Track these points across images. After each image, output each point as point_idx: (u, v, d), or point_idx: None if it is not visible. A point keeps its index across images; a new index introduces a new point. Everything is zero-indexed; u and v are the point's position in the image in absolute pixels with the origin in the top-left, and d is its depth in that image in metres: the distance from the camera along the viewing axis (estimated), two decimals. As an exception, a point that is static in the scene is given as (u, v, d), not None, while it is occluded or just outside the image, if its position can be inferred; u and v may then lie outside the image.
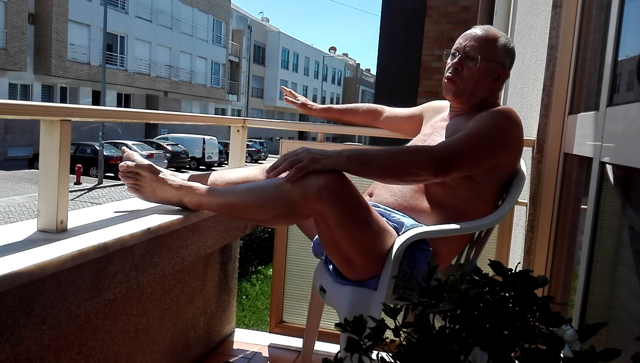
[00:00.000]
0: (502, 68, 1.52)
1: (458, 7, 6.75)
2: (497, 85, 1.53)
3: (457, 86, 1.52)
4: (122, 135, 23.84)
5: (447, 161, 1.31)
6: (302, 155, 1.28)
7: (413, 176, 1.32)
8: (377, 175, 1.38)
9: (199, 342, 1.93)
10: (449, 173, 1.33)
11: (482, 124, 1.39)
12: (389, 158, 1.30)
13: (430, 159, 1.29)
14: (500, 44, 1.51)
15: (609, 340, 1.19)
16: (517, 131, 1.43)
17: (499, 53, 1.50)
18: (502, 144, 1.41)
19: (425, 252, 1.37)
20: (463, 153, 1.34)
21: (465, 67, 1.50)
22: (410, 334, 0.76)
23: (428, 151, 1.33)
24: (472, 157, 1.36)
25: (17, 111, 1.10)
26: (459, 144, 1.34)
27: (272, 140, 36.06)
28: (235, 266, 2.22)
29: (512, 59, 1.54)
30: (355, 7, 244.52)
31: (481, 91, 1.52)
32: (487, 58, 1.49)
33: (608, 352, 0.68)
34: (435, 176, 1.31)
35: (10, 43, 19.77)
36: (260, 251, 6.98)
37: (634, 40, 1.26)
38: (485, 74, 1.50)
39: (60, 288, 1.02)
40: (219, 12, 32.63)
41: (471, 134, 1.37)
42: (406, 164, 1.30)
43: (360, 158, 1.29)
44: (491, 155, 1.39)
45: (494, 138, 1.39)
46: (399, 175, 1.33)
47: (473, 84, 1.50)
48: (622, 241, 1.27)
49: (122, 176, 1.51)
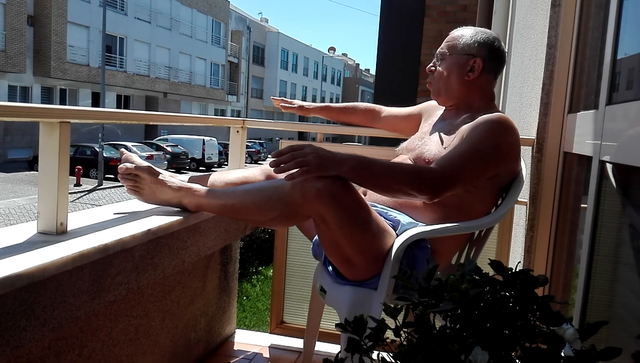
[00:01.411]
0: (472, 58, 1.52)
1: (457, 7, 6.75)
2: (471, 76, 1.53)
3: (433, 87, 1.61)
4: (122, 136, 23.85)
5: (445, 186, 1.32)
6: (309, 157, 1.25)
7: (408, 196, 1.34)
8: (373, 189, 1.42)
9: (199, 343, 1.93)
10: (445, 195, 1.34)
11: (476, 139, 1.38)
12: (390, 176, 1.31)
13: (429, 185, 1.30)
14: (466, 37, 1.55)
15: (610, 338, 1.19)
16: (512, 139, 1.42)
17: (462, 46, 1.54)
18: (497, 158, 1.40)
19: (425, 250, 1.37)
20: (461, 176, 1.34)
21: (437, 68, 1.59)
22: (411, 334, 0.76)
23: (429, 178, 1.32)
24: (470, 176, 1.37)
25: (17, 113, 1.10)
26: (456, 166, 1.33)
27: (271, 141, 36.06)
28: (235, 267, 2.22)
29: (487, 48, 1.53)
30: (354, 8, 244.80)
31: (454, 84, 1.55)
32: (450, 53, 1.56)
33: (609, 350, 0.68)
34: (430, 200, 1.33)
35: (10, 45, 19.77)
36: (261, 252, 6.98)
37: (633, 39, 1.26)
38: (453, 68, 1.55)
39: (60, 290, 1.02)
40: (218, 13, 32.63)
41: (468, 152, 1.36)
42: (405, 186, 1.31)
43: (363, 171, 1.30)
44: (488, 170, 1.40)
45: (489, 153, 1.38)
46: (395, 194, 1.38)
47: (444, 81, 1.57)
48: (622, 240, 1.27)
49: (121, 178, 1.51)
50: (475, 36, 1.54)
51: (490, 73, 1.55)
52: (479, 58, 1.52)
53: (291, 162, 1.26)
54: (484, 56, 1.52)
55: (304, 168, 1.24)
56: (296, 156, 1.26)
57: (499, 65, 1.56)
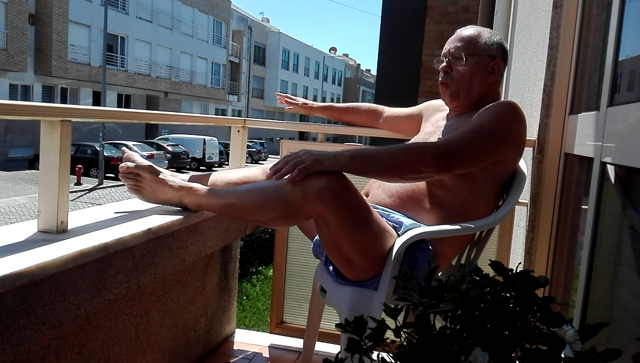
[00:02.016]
0: (492, 60, 1.51)
1: (458, 7, 6.75)
2: (492, 78, 1.52)
3: (450, 88, 1.53)
4: (123, 136, 23.86)
5: (450, 157, 1.29)
6: (304, 157, 1.27)
7: (416, 173, 1.30)
8: (379, 174, 1.37)
9: (199, 342, 1.93)
10: (451, 169, 1.31)
11: (485, 118, 1.37)
12: (391, 156, 1.29)
13: (433, 156, 1.27)
14: (484, 37, 1.51)
15: (610, 340, 1.18)
16: (521, 125, 1.41)
17: (484, 46, 1.50)
18: (505, 138, 1.38)
19: (426, 251, 1.37)
20: (466, 148, 1.31)
21: (454, 69, 1.51)
22: (411, 334, 0.76)
23: (430, 148, 1.31)
24: (475, 152, 1.33)
25: (18, 111, 1.10)
26: (461, 140, 1.32)
27: (272, 140, 36.08)
28: (235, 267, 2.22)
29: (502, 50, 1.53)
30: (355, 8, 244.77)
31: (477, 86, 1.51)
32: (473, 54, 1.50)
33: (609, 352, 0.68)
34: (438, 172, 1.30)
35: (11, 44, 19.78)
36: (261, 251, 6.98)
37: (635, 40, 1.26)
38: (476, 70, 1.50)
39: (60, 289, 1.02)
40: (219, 13, 32.64)
41: (474, 129, 1.35)
42: (408, 162, 1.28)
43: (362, 158, 1.29)
44: (494, 149, 1.37)
45: (497, 132, 1.36)
46: (401, 173, 1.31)
47: (466, 82, 1.50)
48: (623, 241, 1.27)
49: (122, 177, 1.51)
50: (492, 37, 1.51)
51: (502, 75, 1.55)
52: (499, 60, 1.51)
53: (288, 165, 1.27)
54: (500, 57, 1.52)
55: (301, 166, 1.25)
56: (292, 159, 1.28)
57: (506, 66, 1.57)
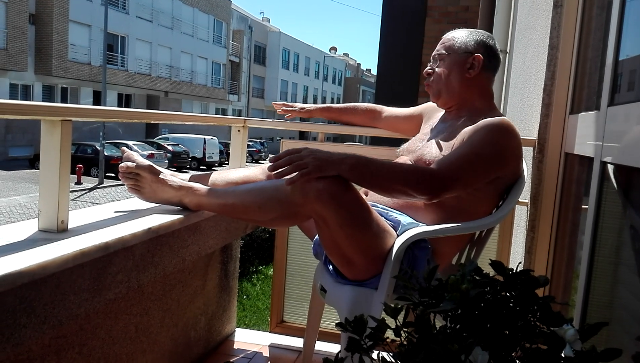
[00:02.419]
0: (470, 55, 1.52)
1: (459, 7, 6.75)
2: (472, 73, 1.52)
3: (432, 88, 1.59)
4: (123, 135, 23.85)
5: (444, 188, 1.31)
6: (307, 160, 1.25)
7: (407, 196, 1.34)
8: (372, 189, 1.42)
9: (199, 341, 1.93)
10: (443, 197, 1.33)
11: (478, 144, 1.37)
12: (389, 176, 1.31)
13: (428, 186, 1.29)
14: (461, 36, 1.55)
15: (610, 339, 1.19)
16: (514, 143, 1.41)
17: (460, 45, 1.53)
18: (498, 163, 1.40)
19: (425, 250, 1.37)
20: (461, 178, 1.33)
21: (435, 70, 1.58)
22: (411, 334, 0.76)
23: (427, 178, 1.31)
24: (470, 179, 1.36)
25: (18, 111, 1.10)
26: (456, 168, 1.33)
27: (272, 140, 36.08)
28: (235, 266, 2.22)
29: (482, 45, 1.53)
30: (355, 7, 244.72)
31: (455, 83, 1.53)
32: (449, 52, 1.54)
33: (609, 351, 0.68)
34: (429, 200, 1.33)
35: (11, 43, 19.78)
36: (261, 251, 6.98)
37: (635, 40, 1.26)
38: (452, 67, 1.53)
39: (61, 288, 1.02)
40: (219, 13, 32.63)
41: (469, 156, 1.35)
42: (404, 186, 1.30)
43: (361, 170, 1.29)
44: (488, 174, 1.39)
45: (490, 159, 1.38)
46: (393, 194, 1.37)
47: (444, 81, 1.55)
48: (623, 241, 1.27)
49: (122, 177, 1.51)
50: (470, 35, 1.55)
51: (489, 70, 1.55)
52: (478, 55, 1.52)
53: (290, 166, 1.26)
54: (483, 53, 1.53)
55: (302, 170, 1.24)
56: (294, 160, 1.26)
57: (495, 62, 1.56)
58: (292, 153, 1.28)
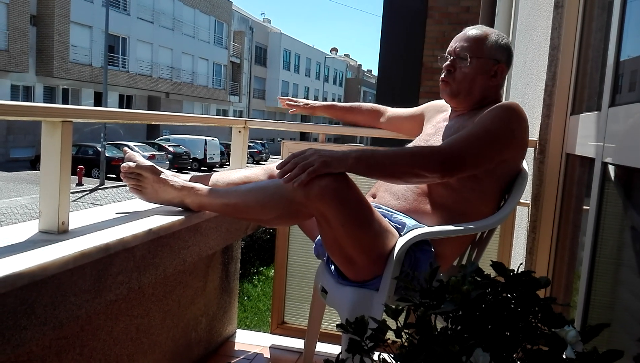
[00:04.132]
0: (496, 64, 1.51)
1: (459, 8, 6.75)
2: (494, 82, 1.52)
3: (450, 87, 1.54)
4: (124, 136, 23.87)
5: (454, 162, 1.30)
6: (312, 158, 1.26)
7: (419, 177, 1.33)
8: (383, 177, 1.40)
9: (200, 342, 1.93)
10: (455, 174, 1.33)
11: (487, 121, 1.38)
12: (395, 160, 1.30)
13: (437, 161, 1.29)
14: (491, 40, 1.51)
15: (612, 341, 1.18)
16: (523, 126, 1.41)
17: (490, 50, 1.50)
18: (509, 140, 1.39)
19: (428, 253, 1.37)
20: (469, 153, 1.33)
21: (458, 68, 1.52)
22: (412, 335, 0.76)
23: (434, 153, 1.32)
24: (478, 156, 1.35)
25: (19, 112, 1.10)
26: (464, 144, 1.33)
27: (273, 141, 36.07)
28: (236, 267, 2.22)
29: (507, 54, 1.53)
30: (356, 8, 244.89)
31: (478, 89, 1.52)
32: (478, 56, 1.50)
33: (610, 353, 0.68)
34: (442, 177, 1.32)
35: (12, 45, 19.82)
36: (262, 252, 6.98)
37: (636, 41, 1.26)
38: (478, 72, 1.50)
39: (61, 289, 1.02)
40: (220, 14, 32.66)
41: (477, 132, 1.35)
42: (412, 166, 1.30)
43: (367, 160, 1.29)
44: (498, 152, 1.38)
45: (500, 135, 1.37)
46: (404, 177, 1.34)
47: (468, 83, 1.51)
48: (624, 242, 1.27)
49: (123, 177, 1.51)
50: (499, 40, 1.52)
51: (504, 77, 1.55)
52: (503, 64, 1.52)
53: (296, 168, 1.26)
54: (506, 62, 1.52)
55: (309, 169, 1.24)
56: (299, 162, 1.26)
57: (510, 67, 1.57)
58: (297, 155, 1.29)
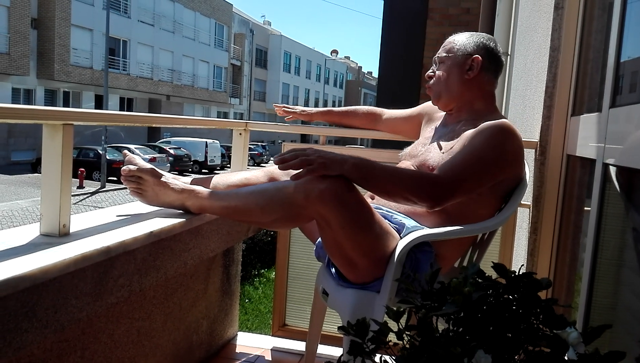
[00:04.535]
0: (469, 57, 1.52)
1: (460, 10, 6.75)
2: (471, 74, 1.53)
3: (433, 91, 1.60)
4: (125, 139, 23.90)
5: (446, 196, 1.32)
6: (312, 158, 1.27)
7: (408, 202, 1.34)
8: (374, 190, 1.42)
9: (201, 345, 1.93)
10: (444, 205, 1.33)
11: (479, 147, 1.37)
12: (391, 179, 1.32)
13: (430, 193, 1.30)
14: (461, 38, 1.56)
15: (614, 342, 1.18)
16: (516, 146, 1.41)
17: (459, 47, 1.55)
18: (501, 167, 1.40)
19: (428, 254, 1.37)
20: (463, 188, 1.34)
21: (436, 73, 1.59)
22: (414, 337, 0.76)
23: (429, 185, 1.31)
24: (471, 186, 1.36)
25: (20, 115, 1.10)
26: (458, 176, 1.33)
27: (274, 143, 36.12)
28: (237, 270, 2.22)
29: (482, 47, 1.54)
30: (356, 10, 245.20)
31: (455, 85, 1.54)
32: (449, 54, 1.56)
33: (612, 354, 0.68)
34: (432, 208, 1.33)
35: (13, 48, 19.86)
36: (263, 254, 6.98)
37: (637, 41, 1.26)
38: (452, 69, 1.55)
39: (63, 292, 1.02)
40: (221, 16, 32.72)
41: (470, 161, 1.35)
42: (404, 190, 1.31)
43: (364, 170, 1.30)
44: (491, 179, 1.39)
45: (492, 163, 1.38)
46: (395, 197, 1.37)
47: (444, 82, 1.56)
48: (625, 243, 1.27)
49: (124, 180, 1.51)
50: (470, 37, 1.56)
51: (490, 72, 1.55)
52: (478, 56, 1.52)
53: (296, 160, 1.27)
54: (482, 55, 1.53)
55: (309, 166, 1.25)
56: (300, 155, 1.28)
57: (497, 65, 1.56)
58: (298, 150, 1.29)
